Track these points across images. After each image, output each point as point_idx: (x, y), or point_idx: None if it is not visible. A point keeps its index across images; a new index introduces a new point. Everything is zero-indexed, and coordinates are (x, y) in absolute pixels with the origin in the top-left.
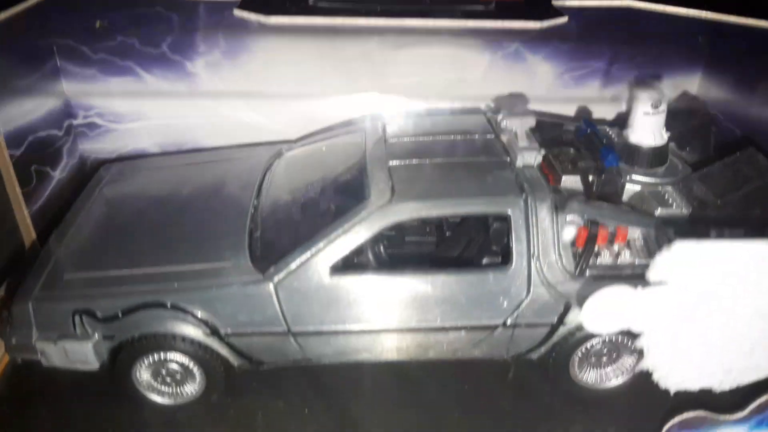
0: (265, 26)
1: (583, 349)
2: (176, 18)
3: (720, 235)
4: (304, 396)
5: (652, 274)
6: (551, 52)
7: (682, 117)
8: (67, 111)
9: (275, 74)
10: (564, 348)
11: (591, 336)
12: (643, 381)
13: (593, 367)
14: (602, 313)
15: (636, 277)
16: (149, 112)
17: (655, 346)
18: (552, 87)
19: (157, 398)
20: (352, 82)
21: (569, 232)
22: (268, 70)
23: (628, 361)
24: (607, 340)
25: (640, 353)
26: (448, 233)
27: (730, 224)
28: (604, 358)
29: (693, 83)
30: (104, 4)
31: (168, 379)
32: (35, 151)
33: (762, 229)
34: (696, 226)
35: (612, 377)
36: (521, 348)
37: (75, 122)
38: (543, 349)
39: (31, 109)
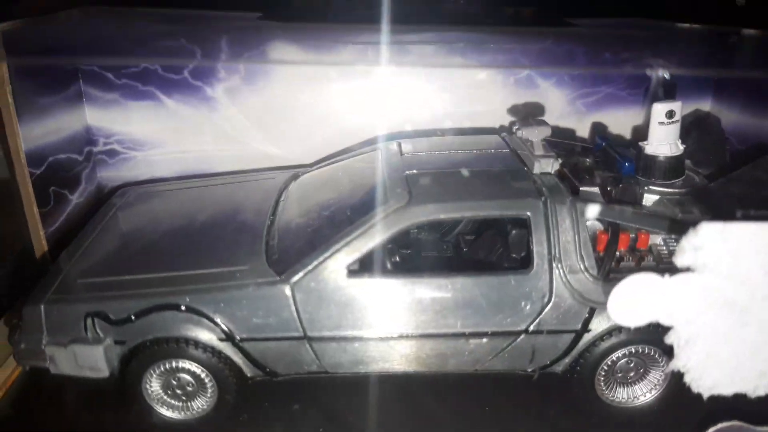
0: None
1: (609, 362)
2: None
3: (747, 217)
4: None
5: (679, 259)
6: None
7: (696, 135)
8: (88, 137)
9: None
10: (589, 360)
11: (616, 347)
12: (672, 395)
13: (620, 384)
14: (629, 303)
15: None
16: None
17: (686, 343)
18: None
19: (167, 412)
20: None
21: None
22: None
23: (656, 375)
24: (633, 351)
25: (670, 351)
26: (465, 244)
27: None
28: (632, 374)
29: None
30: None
31: (179, 392)
32: (55, 173)
33: None
34: None
35: (640, 394)
36: (545, 358)
37: (95, 149)
38: (567, 360)
39: (52, 130)
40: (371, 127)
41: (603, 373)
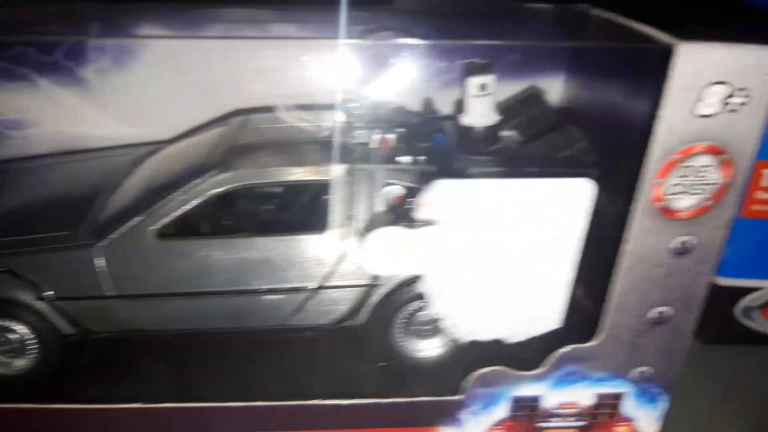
0: None
1: (404, 315)
2: None
3: (477, 174)
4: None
5: (417, 213)
6: None
7: (523, 107)
8: None
9: None
10: (383, 313)
11: (408, 300)
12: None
13: (418, 337)
14: (381, 254)
15: None
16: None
17: (437, 291)
18: None
19: None
20: None
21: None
22: None
23: None
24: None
25: (424, 298)
26: (277, 210)
27: None
28: (428, 327)
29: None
30: None
31: (7, 348)
32: None
33: None
34: None
35: (434, 347)
36: (341, 311)
37: None
38: (365, 313)
39: None
40: (236, 105)
41: (400, 326)
